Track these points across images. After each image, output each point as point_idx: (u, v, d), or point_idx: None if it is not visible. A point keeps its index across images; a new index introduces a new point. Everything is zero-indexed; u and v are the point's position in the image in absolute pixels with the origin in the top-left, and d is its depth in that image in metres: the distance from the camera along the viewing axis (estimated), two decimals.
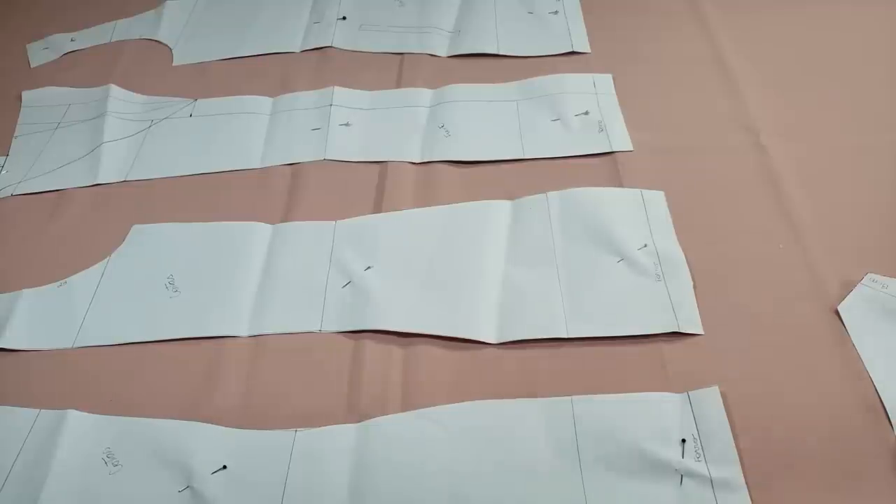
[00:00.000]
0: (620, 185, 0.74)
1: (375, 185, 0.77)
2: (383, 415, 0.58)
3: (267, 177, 0.79)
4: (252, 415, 0.60)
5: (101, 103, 0.88)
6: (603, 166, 0.77)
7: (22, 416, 0.60)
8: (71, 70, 0.96)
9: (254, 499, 0.54)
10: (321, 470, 0.55)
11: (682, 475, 0.52)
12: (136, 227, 0.75)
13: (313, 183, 0.78)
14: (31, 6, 1.07)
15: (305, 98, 0.87)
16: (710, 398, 0.56)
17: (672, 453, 0.53)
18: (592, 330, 0.62)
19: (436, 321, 0.64)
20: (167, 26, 1.00)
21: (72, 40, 1.00)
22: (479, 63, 0.91)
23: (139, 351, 0.65)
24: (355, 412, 0.59)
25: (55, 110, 0.89)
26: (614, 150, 0.77)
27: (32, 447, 0.58)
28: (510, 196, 0.74)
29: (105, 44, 0.99)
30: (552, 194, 0.72)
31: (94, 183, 0.80)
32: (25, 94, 0.91)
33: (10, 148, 0.85)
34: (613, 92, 0.84)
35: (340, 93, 0.87)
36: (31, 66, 0.96)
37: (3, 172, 0.81)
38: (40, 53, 0.98)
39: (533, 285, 0.65)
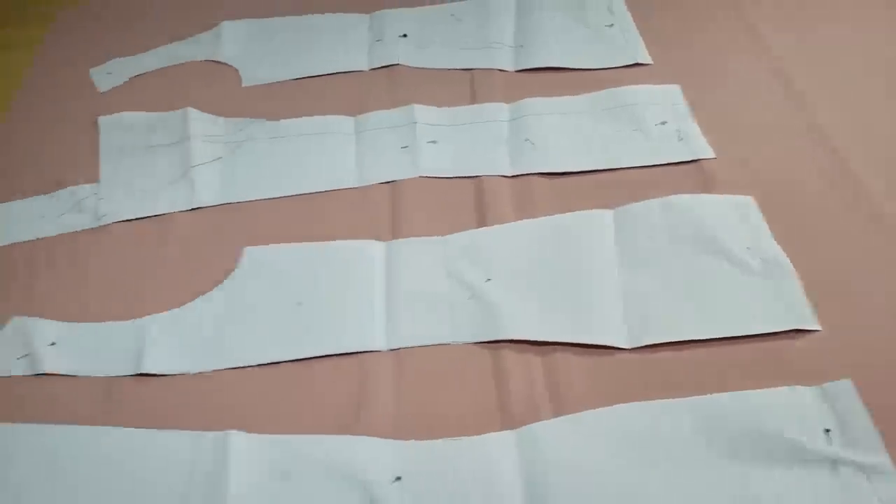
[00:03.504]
0: (708, 192, 0.79)
1: (474, 200, 0.80)
2: (538, 421, 0.62)
3: (365, 195, 0.82)
4: (409, 426, 0.62)
5: (182, 126, 0.89)
6: (688, 174, 0.81)
7: (181, 440, 0.62)
8: (140, 94, 0.96)
9: None
10: (492, 476, 0.58)
11: (834, 463, 0.56)
12: (248, 250, 0.76)
13: (412, 200, 0.81)
14: (90, 31, 1.07)
15: (386, 116, 0.90)
16: (845, 389, 0.60)
17: (820, 443, 0.58)
18: (717, 331, 0.66)
19: (569, 329, 0.67)
20: (228, 48, 1.02)
21: (134, 64, 1.00)
22: (546, 77, 0.95)
23: (279, 370, 0.67)
24: (509, 419, 0.62)
25: (135, 135, 0.90)
26: (697, 157, 0.82)
27: (201, 469, 0.60)
28: (604, 205, 0.78)
29: (168, 67, 1.00)
30: (653, 202, 0.76)
31: (193, 207, 0.81)
32: (102, 120, 0.91)
33: (98, 174, 0.86)
34: (684, 102, 0.89)
35: (421, 110, 0.89)
36: (101, 91, 0.97)
37: (100, 200, 0.82)
38: (106, 78, 0.98)
39: (652, 290, 0.70)
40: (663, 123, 0.86)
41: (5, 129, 0.92)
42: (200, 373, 0.67)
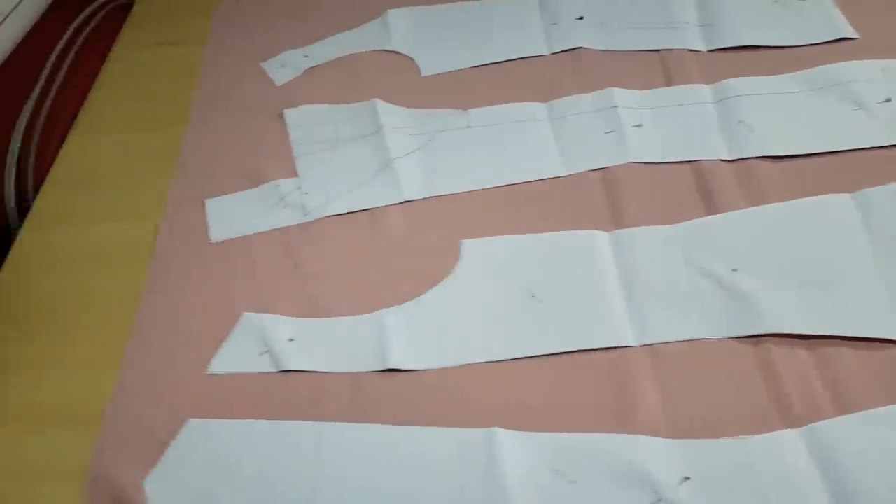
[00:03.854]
0: None
1: (696, 186, 0.76)
2: (822, 419, 0.58)
3: (576, 183, 0.79)
4: (681, 425, 0.59)
5: (372, 118, 0.87)
6: None
7: (447, 436, 0.60)
8: (316, 85, 0.94)
9: None
10: (790, 476, 0.55)
11: None
12: (466, 243, 0.74)
13: (628, 187, 0.77)
14: (252, 24, 1.05)
15: (582, 101, 0.86)
16: None
17: None
18: None
19: (839, 321, 0.63)
20: (398, 37, 0.99)
21: (305, 56, 0.99)
22: (742, 56, 0.90)
23: (521, 366, 0.65)
24: (790, 418, 0.58)
25: (324, 128, 0.88)
26: None
27: (473, 466, 0.58)
28: (839, 189, 0.73)
29: (340, 58, 0.98)
30: None
31: (402, 200, 0.79)
32: (288, 114, 0.90)
33: (294, 168, 0.85)
34: None
35: (620, 93, 0.86)
36: (277, 85, 0.96)
37: (305, 194, 0.81)
38: (279, 71, 0.97)
39: None
40: (887, 101, 0.81)
41: (195, 126, 0.92)
42: (443, 368, 0.66)
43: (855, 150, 0.77)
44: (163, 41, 1.07)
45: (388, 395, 0.64)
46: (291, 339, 0.68)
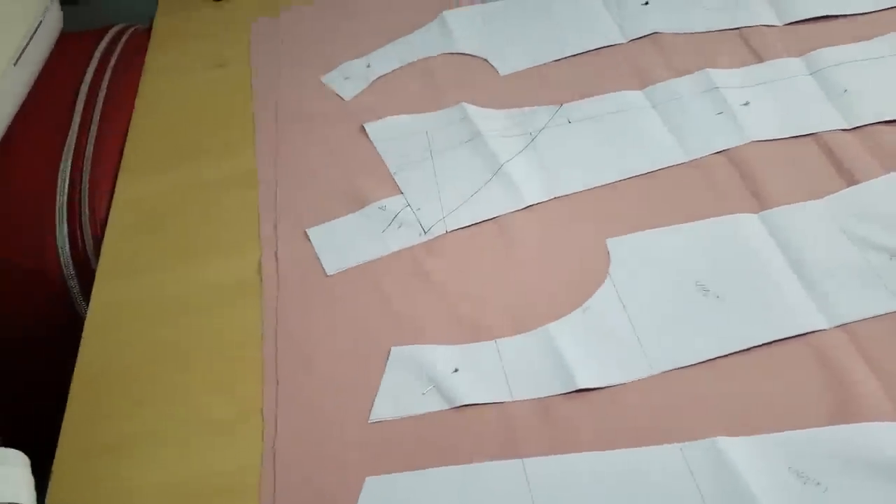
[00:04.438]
0: None
1: (825, 157, 0.74)
2: None
3: (702, 168, 0.75)
4: None
5: (466, 124, 0.82)
6: None
7: (668, 453, 0.55)
8: (392, 96, 0.88)
9: None
10: None
11: None
12: (611, 241, 0.70)
13: (757, 166, 0.74)
14: (300, 40, 0.98)
15: (679, 85, 0.83)
16: None
17: None
18: None
19: None
20: (463, 38, 0.94)
21: (368, 66, 0.92)
22: (818, 27, 0.88)
23: (714, 366, 0.61)
24: None
25: (414, 139, 0.82)
26: None
27: (708, 480, 0.53)
28: None
29: (407, 64, 0.92)
30: None
31: (525, 205, 0.74)
32: (370, 127, 0.84)
33: (394, 184, 0.78)
34: None
35: (718, 74, 0.83)
36: (346, 99, 0.89)
37: (416, 210, 0.74)
38: (345, 84, 0.90)
39: None
40: None
41: (265, 151, 0.84)
42: (635, 380, 0.61)
43: None
44: (197, 65, 0.99)
45: (583, 417, 0.59)
46: (456, 370, 0.62)
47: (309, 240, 0.74)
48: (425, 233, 0.73)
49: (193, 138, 0.89)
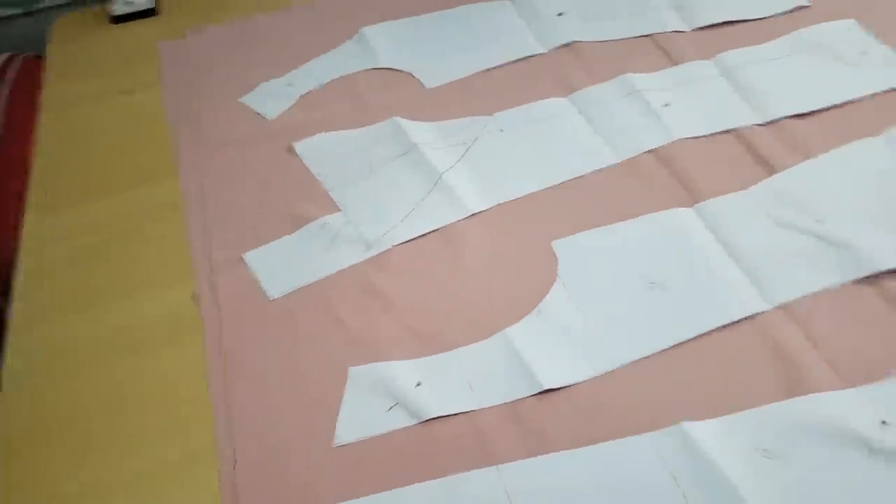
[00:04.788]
0: None
1: (746, 151, 0.78)
2: None
3: (634, 168, 0.78)
4: (852, 371, 0.59)
5: (400, 138, 0.81)
6: None
7: (638, 443, 0.56)
8: (318, 114, 0.86)
9: None
10: None
11: None
12: (556, 244, 0.71)
13: (685, 163, 0.77)
14: (212, 62, 0.94)
15: (602, 91, 0.86)
16: None
17: None
18: None
19: None
20: (385, 53, 0.93)
21: (289, 84, 0.90)
22: (721, 32, 0.94)
23: (666, 356, 0.62)
24: None
25: (348, 155, 0.80)
26: None
27: (680, 464, 0.54)
28: (873, 132, 0.78)
29: (331, 82, 0.91)
30: None
31: (469, 214, 0.74)
32: (300, 146, 0.81)
33: (332, 201, 0.76)
34: (865, 32, 0.91)
35: (638, 78, 0.86)
36: (269, 119, 0.86)
37: (358, 226, 0.72)
38: (267, 105, 0.87)
39: None
40: (864, 53, 0.88)
41: (189, 177, 0.80)
42: (597, 376, 0.61)
43: (859, 99, 0.83)
44: (101, 93, 0.93)
45: (551, 418, 0.59)
46: (419, 384, 0.61)
47: (247, 265, 0.72)
48: (370, 248, 0.71)
49: (107, 170, 0.83)
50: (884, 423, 0.56)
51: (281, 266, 0.70)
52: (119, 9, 1.02)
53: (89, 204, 0.80)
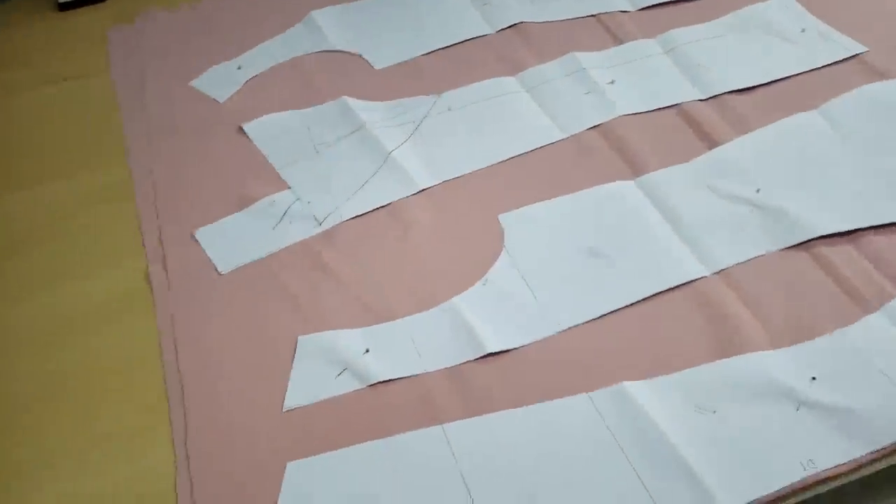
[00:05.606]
0: (885, 79, 0.84)
1: (687, 126, 0.80)
2: (891, 300, 0.63)
3: (579, 143, 0.79)
4: (785, 332, 0.62)
5: (348, 117, 0.82)
6: (855, 69, 0.86)
7: (577, 403, 0.58)
8: (268, 95, 0.87)
9: None
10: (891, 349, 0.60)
11: None
12: (503, 217, 0.72)
13: (629, 138, 0.79)
14: (161, 47, 0.94)
15: (548, 69, 0.87)
16: None
17: None
18: None
19: (872, 212, 0.69)
20: (335, 35, 0.94)
21: (238, 68, 0.90)
22: (664, 11, 0.96)
23: (606, 321, 0.64)
24: (863, 303, 0.63)
25: (296, 135, 0.81)
26: (853, 53, 0.87)
27: (618, 421, 0.56)
28: (801, 108, 0.81)
29: (280, 64, 0.91)
30: (853, 93, 0.80)
31: (417, 190, 0.75)
32: (249, 127, 0.82)
33: (281, 181, 0.76)
34: (804, 9, 0.94)
35: (584, 57, 0.88)
36: (221, 102, 0.86)
37: (307, 203, 0.73)
38: (217, 88, 0.87)
39: None
40: (803, 31, 0.91)
41: (139, 160, 0.80)
42: (538, 340, 0.63)
43: (797, 74, 0.86)
44: (47, 79, 0.92)
45: (495, 379, 0.60)
46: (367, 351, 0.62)
47: (198, 242, 0.72)
48: (319, 224, 0.72)
49: (55, 155, 0.83)
50: (813, 378, 0.58)
51: (231, 242, 0.71)
52: None
53: (40, 187, 0.79)
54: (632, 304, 0.65)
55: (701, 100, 0.83)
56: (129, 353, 0.64)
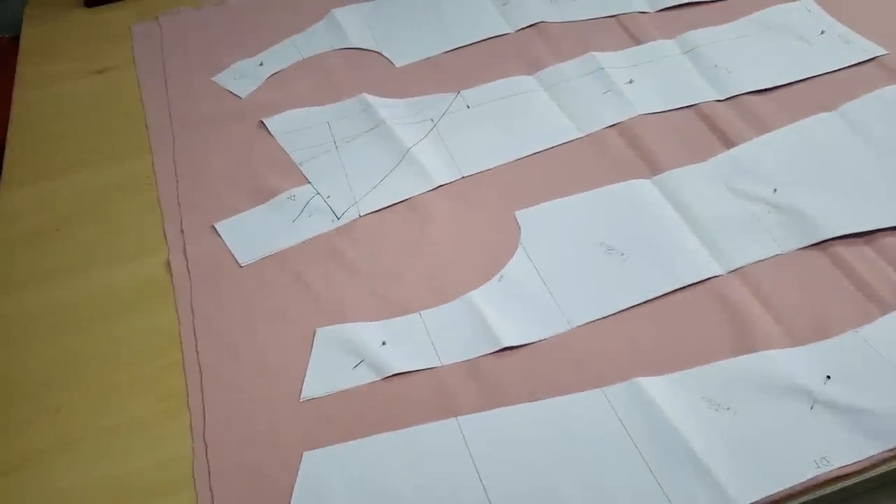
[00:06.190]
0: None
1: (705, 125, 0.81)
2: None
3: (597, 142, 0.80)
4: (799, 329, 0.62)
5: (368, 113, 0.83)
6: (875, 71, 0.86)
7: (591, 398, 0.58)
8: (289, 91, 0.88)
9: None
10: None
11: None
12: (520, 213, 0.73)
13: (646, 137, 0.80)
14: (185, 42, 0.96)
15: (567, 69, 0.88)
16: None
17: None
18: None
19: (877, 216, 0.69)
20: (355, 33, 0.95)
21: (260, 64, 0.91)
22: (684, 12, 0.96)
23: (625, 316, 0.64)
24: (880, 303, 0.63)
25: (316, 130, 0.82)
26: (872, 56, 0.87)
27: (631, 416, 0.57)
28: (819, 109, 0.81)
29: (301, 61, 0.92)
30: (874, 95, 0.80)
31: (435, 186, 0.76)
32: (270, 122, 0.83)
33: (301, 175, 0.78)
34: (823, 11, 0.94)
35: (602, 56, 0.89)
36: (242, 97, 0.87)
37: (327, 197, 0.74)
38: (239, 83, 0.89)
39: None
40: (822, 33, 0.91)
41: (162, 154, 0.81)
42: (554, 335, 0.63)
43: (816, 76, 0.86)
44: (75, 72, 0.94)
45: (510, 374, 0.61)
46: (384, 343, 0.63)
47: (218, 234, 0.73)
48: (338, 218, 0.73)
49: (82, 146, 0.85)
50: (828, 377, 0.59)
51: (251, 235, 0.72)
52: None
53: (64, 178, 0.81)
54: (647, 302, 0.65)
55: (719, 100, 0.84)
56: (149, 342, 0.65)
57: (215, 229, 0.73)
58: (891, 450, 0.55)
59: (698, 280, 0.66)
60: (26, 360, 0.65)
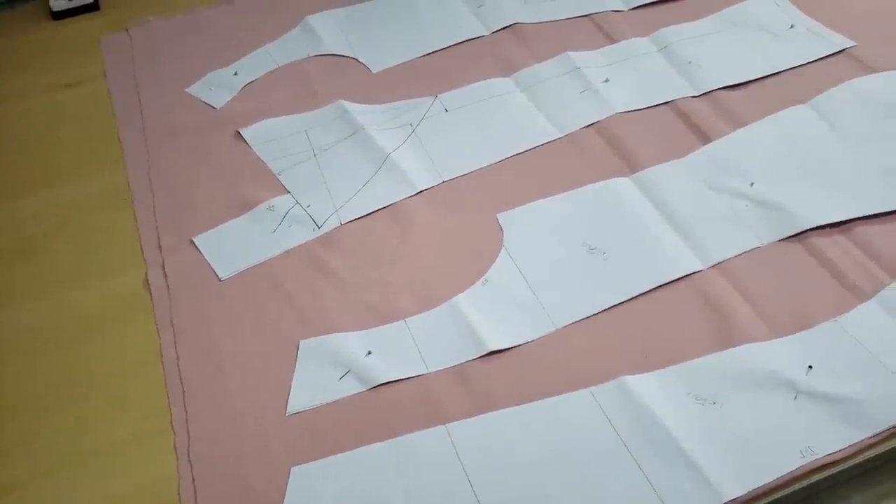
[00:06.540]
0: (874, 72, 0.85)
1: (681, 122, 0.81)
2: (883, 288, 0.64)
3: (575, 142, 0.80)
4: (782, 321, 0.62)
5: (346, 120, 0.83)
6: (845, 63, 0.87)
7: (580, 398, 0.58)
8: (265, 100, 0.87)
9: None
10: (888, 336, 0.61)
11: None
12: (502, 216, 0.73)
13: (624, 135, 0.80)
14: (156, 55, 0.95)
15: (543, 69, 0.88)
16: None
17: None
18: None
19: (864, 202, 0.70)
20: (329, 40, 0.95)
21: (235, 74, 0.90)
22: (656, 10, 0.97)
23: (609, 315, 0.65)
24: (857, 292, 0.64)
25: (294, 139, 0.81)
26: (842, 48, 0.88)
27: (619, 415, 0.57)
28: (792, 102, 0.82)
29: (276, 69, 0.92)
30: (848, 84, 0.82)
31: (416, 191, 0.75)
32: (246, 132, 0.82)
33: (280, 185, 0.77)
34: (792, 5, 0.95)
35: (578, 56, 0.89)
36: (217, 108, 0.86)
37: (306, 206, 0.73)
38: (213, 93, 0.88)
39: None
40: (792, 27, 0.92)
41: (136, 166, 0.80)
42: (540, 337, 0.63)
43: (787, 69, 0.87)
44: (46, 86, 0.93)
45: (497, 377, 0.61)
46: (370, 353, 0.62)
47: (197, 248, 0.72)
48: (319, 227, 0.72)
49: (53, 162, 0.83)
50: (810, 367, 0.59)
51: (231, 247, 0.71)
52: (58, 4, 1.02)
53: (37, 194, 0.80)
54: (631, 299, 0.66)
55: (694, 96, 0.84)
56: (129, 361, 0.64)
57: (194, 243, 0.72)
58: (874, 436, 0.56)
59: (681, 276, 0.67)
60: (3, 384, 0.64)
